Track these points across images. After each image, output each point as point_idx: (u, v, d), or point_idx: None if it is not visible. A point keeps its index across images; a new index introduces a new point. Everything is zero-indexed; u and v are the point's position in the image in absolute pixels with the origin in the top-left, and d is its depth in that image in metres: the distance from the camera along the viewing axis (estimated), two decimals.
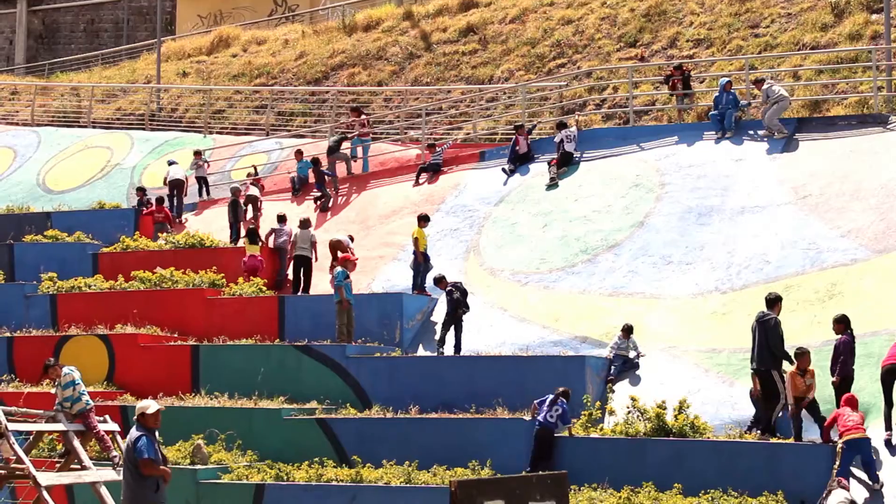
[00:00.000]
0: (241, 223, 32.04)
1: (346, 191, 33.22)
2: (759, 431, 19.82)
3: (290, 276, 29.64)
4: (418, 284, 26.94)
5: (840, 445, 18.42)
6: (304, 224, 29.29)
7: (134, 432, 15.57)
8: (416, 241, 27.00)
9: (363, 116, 35.76)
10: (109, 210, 34.92)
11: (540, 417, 20.48)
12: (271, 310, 27.12)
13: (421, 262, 26.98)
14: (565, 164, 29.51)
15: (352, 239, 29.55)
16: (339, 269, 25.59)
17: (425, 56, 41.52)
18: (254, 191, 33.49)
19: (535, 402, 20.87)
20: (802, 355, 19.70)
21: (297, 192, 33.93)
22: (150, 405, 15.73)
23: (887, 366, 19.48)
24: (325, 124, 38.17)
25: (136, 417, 15.76)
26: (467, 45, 40.89)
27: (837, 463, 18.34)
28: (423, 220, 27.59)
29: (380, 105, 40.05)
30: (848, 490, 17.95)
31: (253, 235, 29.80)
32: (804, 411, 19.72)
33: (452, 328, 24.82)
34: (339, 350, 24.51)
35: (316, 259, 29.07)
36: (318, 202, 32.76)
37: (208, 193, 35.87)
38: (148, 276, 29.11)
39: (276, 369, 24.68)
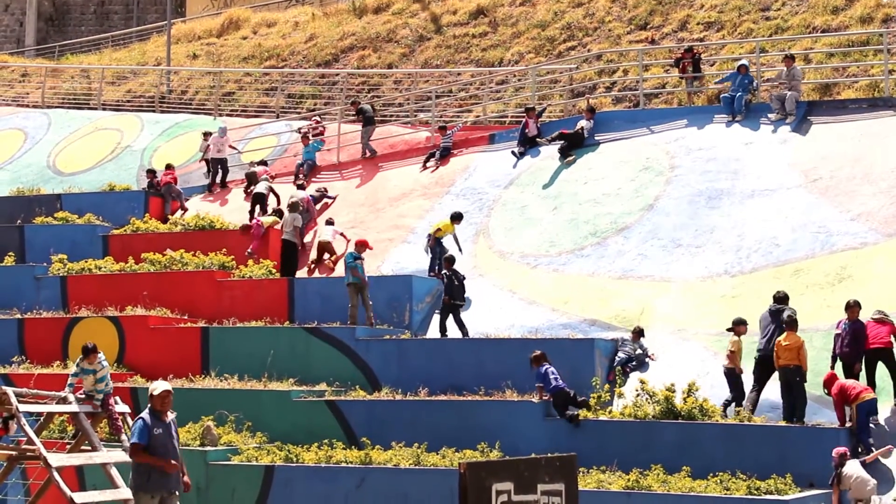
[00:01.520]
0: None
1: (356, 173, 33.20)
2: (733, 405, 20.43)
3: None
4: (434, 268, 26.88)
5: (853, 409, 19.00)
6: (293, 207, 29.14)
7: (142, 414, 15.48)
8: (438, 230, 26.96)
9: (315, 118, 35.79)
10: (119, 192, 34.96)
11: (553, 384, 20.77)
12: (281, 292, 27.16)
13: (434, 246, 26.94)
14: (576, 145, 29.41)
15: (331, 222, 29.48)
16: (349, 251, 25.76)
17: (435, 38, 41.47)
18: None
19: (537, 385, 21.08)
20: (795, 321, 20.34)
21: (307, 177, 33.87)
22: (158, 386, 15.51)
23: (871, 349, 19.71)
24: (336, 107, 38.13)
25: None
26: (477, 28, 40.83)
27: (853, 424, 18.98)
28: (457, 218, 27.45)
29: (390, 87, 40.01)
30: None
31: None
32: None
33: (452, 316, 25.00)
34: (349, 332, 24.56)
35: (301, 246, 28.90)
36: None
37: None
38: (158, 258, 29.18)
39: (286, 351, 24.73)
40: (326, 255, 29.11)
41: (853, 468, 17.83)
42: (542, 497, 9.61)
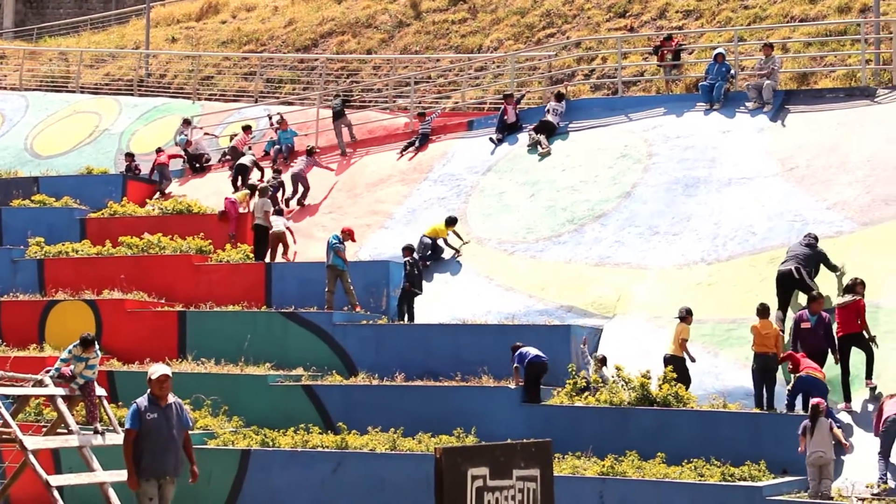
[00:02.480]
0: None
1: (333, 158, 33.15)
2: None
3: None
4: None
5: (795, 377, 19.48)
6: (262, 192, 28.98)
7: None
8: (434, 231, 27.03)
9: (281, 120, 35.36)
10: (97, 175, 34.88)
11: (533, 353, 20.96)
12: (258, 276, 27.14)
13: (425, 245, 26.99)
14: (544, 132, 29.43)
15: (280, 212, 29.28)
16: (334, 233, 25.83)
17: (415, 24, 41.44)
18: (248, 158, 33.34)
19: (514, 365, 21.25)
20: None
21: (286, 160, 33.83)
22: (156, 370, 15.22)
23: (842, 335, 19.87)
24: (314, 92, 38.10)
25: None
26: (457, 14, 40.82)
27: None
28: (451, 222, 27.41)
29: (369, 73, 39.99)
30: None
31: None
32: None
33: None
34: (326, 317, 24.58)
35: (271, 227, 28.62)
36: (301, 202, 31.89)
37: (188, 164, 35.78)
38: (135, 241, 29.14)
39: (263, 336, 24.74)
40: (281, 248, 28.75)
41: (824, 427, 17.88)
42: (518, 482, 9.64)
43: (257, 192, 29.15)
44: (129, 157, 35.63)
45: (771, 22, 32.72)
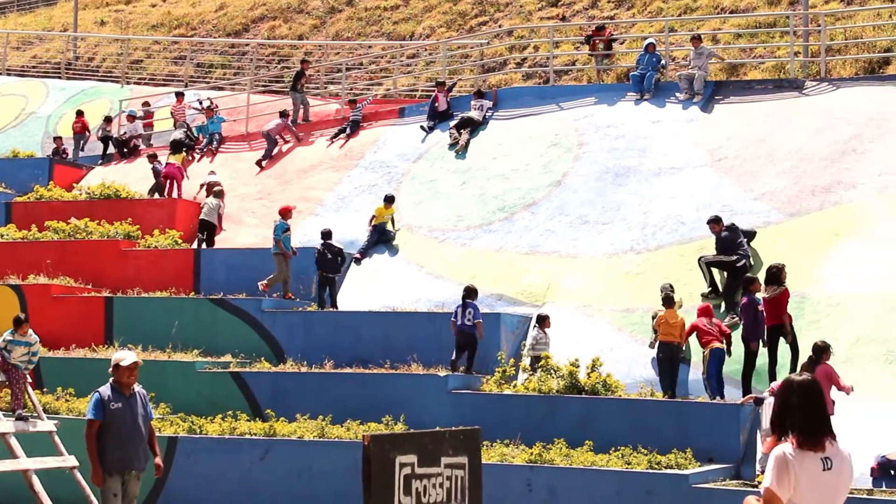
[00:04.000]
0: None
1: (264, 144, 32.93)
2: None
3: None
4: (362, 250, 26.78)
5: (705, 353, 20.05)
6: (217, 195, 28.65)
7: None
8: (374, 217, 27.06)
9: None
10: (23, 159, 34.56)
11: (458, 322, 21.26)
12: (187, 262, 26.97)
13: (371, 233, 26.97)
14: (467, 127, 29.43)
15: (220, 194, 29.18)
16: (279, 221, 25.49)
17: (347, 10, 41.32)
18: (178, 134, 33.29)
19: (452, 319, 21.53)
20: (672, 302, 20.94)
21: (216, 149, 33.55)
22: (125, 357, 14.36)
23: (770, 326, 20.06)
24: (245, 77, 37.89)
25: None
26: (389, 1, 40.74)
27: (704, 370, 20.15)
28: (389, 200, 27.39)
29: (300, 59, 39.81)
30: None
31: (176, 146, 31.51)
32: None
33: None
34: (255, 304, 24.48)
35: (219, 231, 28.53)
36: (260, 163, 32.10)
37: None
38: (62, 226, 28.85)
39: (191, 322, 24.59)
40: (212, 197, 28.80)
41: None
42: (446, 470, 9.64)
43: (213, 193, 28.77)
44: (58, 140, 35.30)
45: (701, 13, 32.95)
